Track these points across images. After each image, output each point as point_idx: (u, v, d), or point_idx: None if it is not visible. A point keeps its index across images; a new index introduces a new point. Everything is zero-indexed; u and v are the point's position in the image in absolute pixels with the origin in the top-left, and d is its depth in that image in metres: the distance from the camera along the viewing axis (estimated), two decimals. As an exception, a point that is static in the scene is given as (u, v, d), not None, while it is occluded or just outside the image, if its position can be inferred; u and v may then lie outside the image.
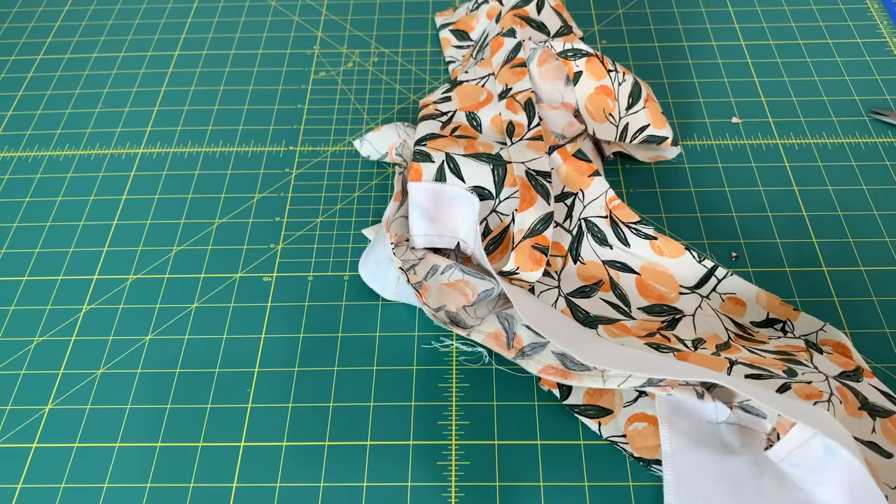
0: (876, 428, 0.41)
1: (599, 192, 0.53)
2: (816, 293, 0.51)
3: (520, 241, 0.48)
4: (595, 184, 0.53)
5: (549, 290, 0.49)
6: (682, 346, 0.45)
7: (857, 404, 0.42)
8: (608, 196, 0.53)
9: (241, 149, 0.62)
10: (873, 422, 0.41)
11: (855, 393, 0.42)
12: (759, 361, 0.43)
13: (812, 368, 0.43)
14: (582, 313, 0.48)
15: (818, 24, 0.70)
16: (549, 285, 0.49)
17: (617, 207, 0.53)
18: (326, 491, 0.44)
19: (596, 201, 0.53)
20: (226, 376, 0.49)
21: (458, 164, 0.51)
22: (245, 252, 0.55)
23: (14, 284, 0.54)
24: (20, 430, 0.47)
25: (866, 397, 0.42)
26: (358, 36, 0.71)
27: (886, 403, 0.42)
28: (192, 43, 0.72)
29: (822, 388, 0.41)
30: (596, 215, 0.52)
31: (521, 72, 0.56)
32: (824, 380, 0.42)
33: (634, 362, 0.42)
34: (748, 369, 0.42)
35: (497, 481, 0.44)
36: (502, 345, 0.47)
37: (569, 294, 0.49)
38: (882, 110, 0.62)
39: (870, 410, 0.42)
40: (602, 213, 0.52)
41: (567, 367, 0.45)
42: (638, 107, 0.55)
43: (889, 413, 0.42)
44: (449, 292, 0.49)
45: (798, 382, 0.41)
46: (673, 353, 0.44)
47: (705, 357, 0.43)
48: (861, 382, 0.43)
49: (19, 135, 0.64)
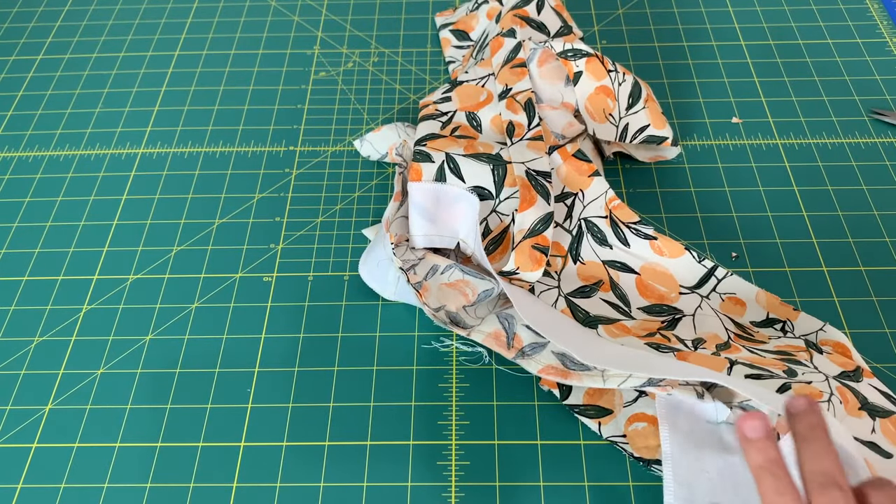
0: (876, 428, 0.41)
1: (599, 192, 0.53)
2: (816, 293, 0.51)
3: (520, 241, 0.48)
4: (595, 184, 0.53)
5: (548, 289, 0.49)
6: (682, 346, 0.45)
7: (857, 404, 0.42)
8: (608, 196, 0.53)
9: (241, 149, 0.62)
10: (873, 422, 0.41)
11: (855, 393, 0.42)
12: (759, 361, 0.43)
13: (812, 368, 0.43)
14: (582, 313, 0.48)
15: (818, 24, 0.70)
16: (549, 285, 0.49)
17: (617, 207, 0.53)
18: (326, 491, 0.44)
19: (596, 201, 0.53)
20: (226, 376, 0.49)
21: (458, 164, 0.51)
22: (245, 252, 0.55)
23: (14, 284, 0.54)
24: (20, 430, 0.47)
25: (866, 397, 0.42)
26: (358, 36, 0.71)
27: (886, 404, 0.42)
28: (192, 43, 0.72)
29: (822, 389, 0.41)
30: (596, 215, 0.52)
31: (521, 72, 0.56)
32: (824, 380, 0.42)
33: (634, 362, 0.42)
34: (748, 369, 0.42)
35: (497, 481, 0.44)
36: (502, 345, 0.47)
37: (569, 294, 0.49)
38: (882, 110, 0.62)
39: (870, 410, 0.42)
40: (602, 213, 0.52)
41: (567, 366, 0.45)
42: (638, 107, 0.55)
43: (889, 413, 0.42)
44: (449, 292, 0.49)
45: (798, 382, 0.41)
46: (673, 353, 0.44)
47: (705, 357, 0.43)
48: (861, 382, 0.43)
49: (19, 135, 0.64)
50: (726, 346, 0.45)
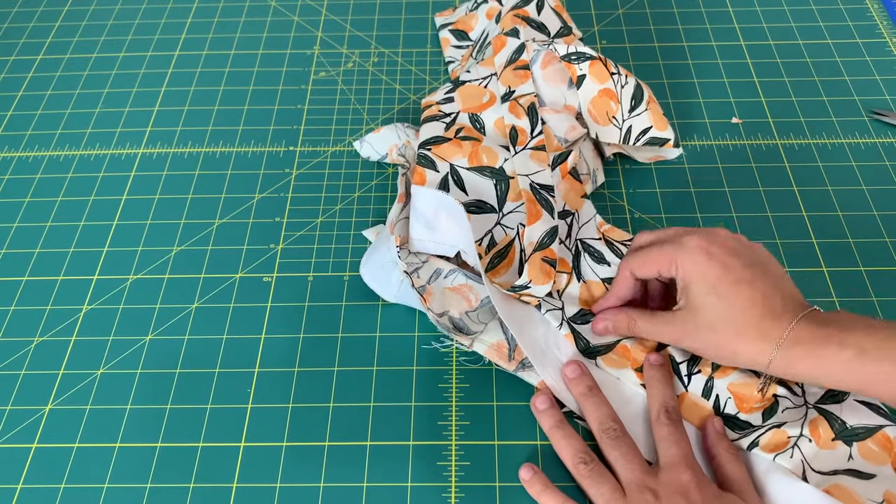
0: (853, 454, 0.41)
1: (589, 215, 0.54)
2: (817, 293, 0.51)
3: (531, 253, 0.47)
4: (586, 207, 0.54)
5: (554, 309, 0.48)
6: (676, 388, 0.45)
7: (831, 436, 0.42)
8: (597, 221, 0.53)
9: (241, 149, 0.62)
10: (849, 448, 0.42)
11: (831, 421, 0.42)
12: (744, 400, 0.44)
13: (799, 396, 0.44)
14: (583, 342, 0.48)
15: (818, 24, 0.70)
16: (555, 305, 0.49)
17: (608, 231, 0.53)
18: (326, 491, 0.44)
19: (588, 224, 0.53)
20: (226, 376, 0.49)
21: (462, 177, 0.52)
22: (245, 252, 0.55)
23: (14, 284, 0.54)
24: (20, 430, 0.47)
25: (845, 422, 0.42)
26: (358, 36, 0.71)
27: (871, 419, 0.42)
28: (192, 43, 0.72)
29: (790, 433, 0.42)
30: (590, 237, 0.53)
31: (524, 74, 0.56)
32: (802, 415, 0.43)
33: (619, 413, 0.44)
34: (731, 431, 0.44)
35: (497, 481, 0.44)
36: (504, 357, 0.47)
37: (570, 319, 0.49)
38: (882, 110, 0.62)
39: (846, 437, 0.42)
40: (595, 235, 0.53)
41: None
42: (640, 109, 0.55)
43: (871, 432, 0.42)
44: (452, 296, 0.49)
45: (769, 430, 0.42)
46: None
47: (695, 405, 0.45)
48: (844, 401, 0.43)
49: (19, 135, 0.64)
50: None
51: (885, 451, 0.41)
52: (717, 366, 0.45)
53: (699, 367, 0.45)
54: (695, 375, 0.45)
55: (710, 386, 0.44)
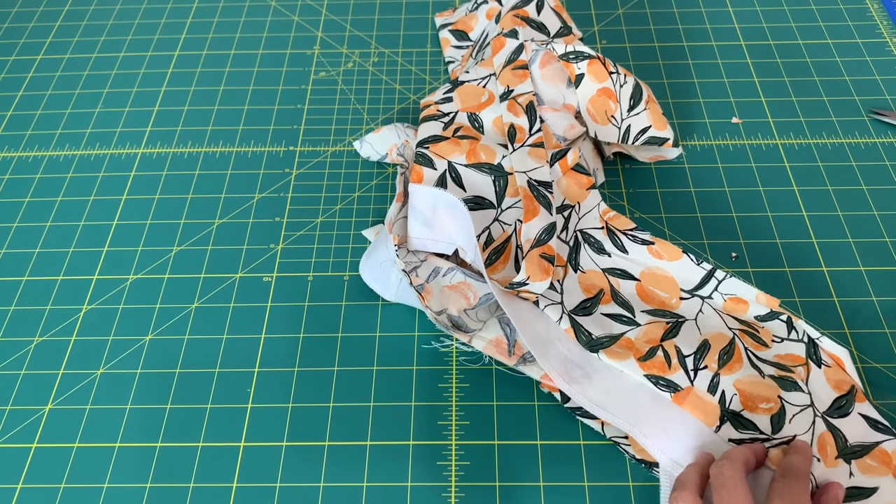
0: (853, 471, 0.42)
1: (593, 204, 0.53)
2: (816, 293, 0.51)
3: (528, 250, 0.47)
4: (590, 196, 0.53)
5: (552, 304, 0.48)
6: (682, 377, 0.45)
7: (834, 454, 0.42)
8: (601, 208, 0.53)
9: (241, 149, 0.62)
10: (849, 466, 0.42)
11: (836, 437, 0.42)
12: (752, 399, 0.44)
13: (805, 396, 0.44)
14: (585, 335, 0.47)
15: (818, 24, 0.70)
16: (553, 300, 0.48)
17: (612, 218, 0.53)
18: (326, 491, 0.44)
19: (590, 213, 0.53)
20: (226, 376, 0.49)
21: (460, 173, 0.51)
22: (245, 252, 0.55)
23: (14, 284, 0.54)
24: (20, 430, 0.47)
25: (846, 440, 0.42)
26: (358, 36, 0.71)
27: (868, 436, 0.42)
28: (192, 43, 0.72)
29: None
30: (591, 227, 0.52)
31: (522, 74, 0.56)
32: (810, 425, 0.43)
33: (621, 407, 0.44)
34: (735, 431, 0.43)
35: (497, 481, 0.44)
36: (503, 352, 0.47)
37: (572, 311, 0.48)
38: (882, 110, 0.62)
39: (846, 455, 0.42)
40: (597, 224, 0.53)
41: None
42: (639, 108, 0.55)
43: (869, 449, 0.42)
44: (451, 295, 0.49)
45: (781, 441, 0.42)
46: (671, 393, 0.44)
47: (700, 401, 0.44)
48: (850, 414, 0.43)
49: (19, 135, 0.64)
50: (729, 357, 0.45)
51: (883, 465, 0.41)
52: (723, 362, 0.45)
53: (706, 363, 0.45)
54: (701, 371, 0.45)
55: (716, 382, 0.44)
